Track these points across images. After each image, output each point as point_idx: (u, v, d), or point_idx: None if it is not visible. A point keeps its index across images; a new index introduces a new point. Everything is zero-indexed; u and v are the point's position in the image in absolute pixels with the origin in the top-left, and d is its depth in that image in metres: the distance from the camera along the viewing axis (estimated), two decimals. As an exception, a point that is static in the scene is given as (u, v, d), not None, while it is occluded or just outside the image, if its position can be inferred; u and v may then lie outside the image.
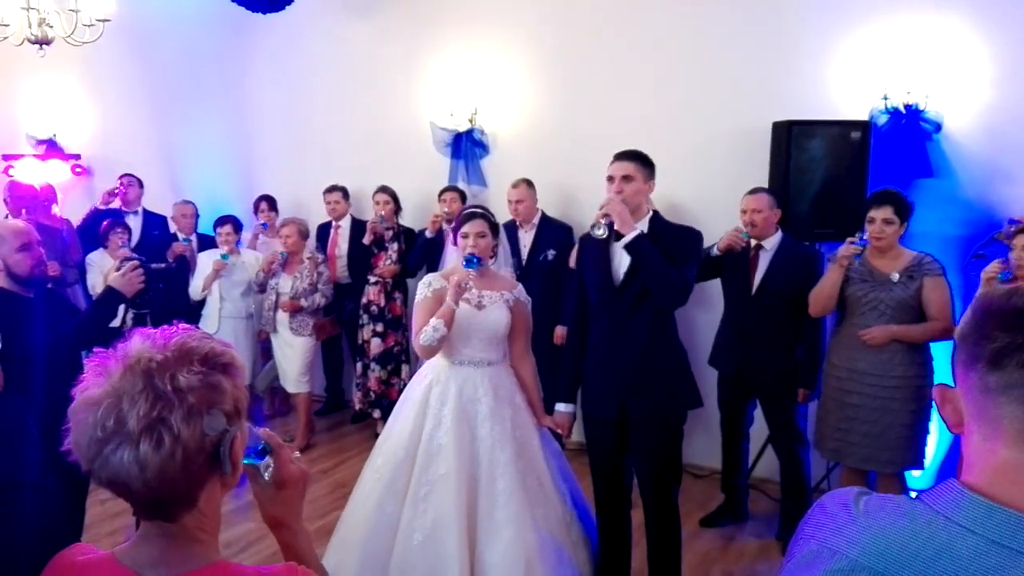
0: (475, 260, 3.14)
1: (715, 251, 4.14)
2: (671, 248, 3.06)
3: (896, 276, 3.63)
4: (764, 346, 4.08)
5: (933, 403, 3.66)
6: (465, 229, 3.24)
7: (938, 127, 4.39)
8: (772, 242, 4.12)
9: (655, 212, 3.19)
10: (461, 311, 3.15)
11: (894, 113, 4.42)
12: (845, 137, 4.32)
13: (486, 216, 3.31)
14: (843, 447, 3.76)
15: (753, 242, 4.13)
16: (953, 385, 1.03)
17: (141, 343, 1.12)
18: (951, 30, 4.37)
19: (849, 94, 4.57)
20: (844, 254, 3.66)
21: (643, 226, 3.11)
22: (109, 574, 1.14)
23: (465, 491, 3.00)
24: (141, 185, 6.23)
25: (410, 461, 3.10)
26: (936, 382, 3.59)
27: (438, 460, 3.05)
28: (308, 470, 1.37)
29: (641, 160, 3.13)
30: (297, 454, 1.37)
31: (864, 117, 4.45)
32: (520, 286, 3.42)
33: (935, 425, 3.84)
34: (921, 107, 4.36)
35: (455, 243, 3.34)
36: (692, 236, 3.19)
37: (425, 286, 3.28)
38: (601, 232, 3.02)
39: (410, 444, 3.13)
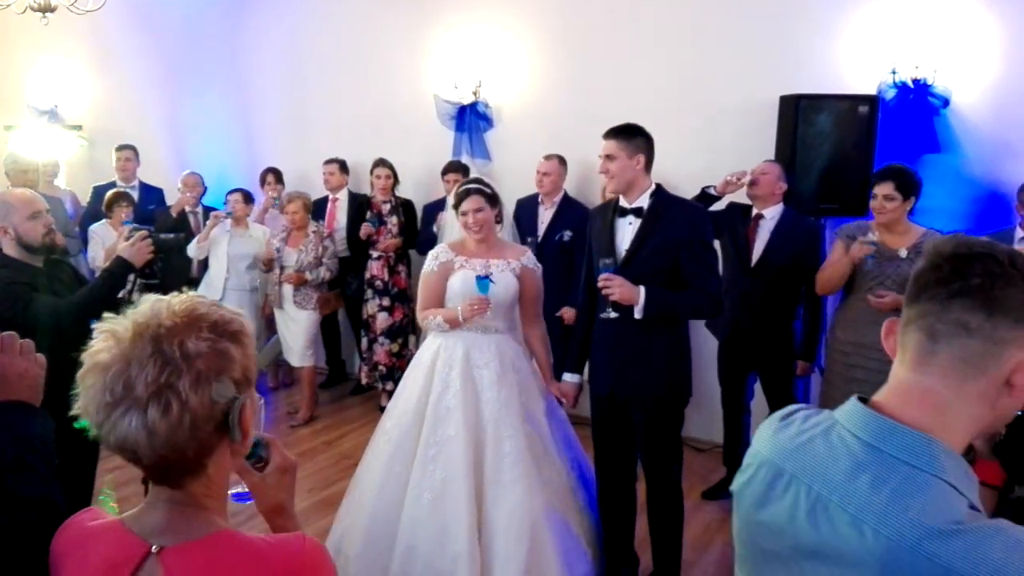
0: (487, 281, 3.18)
1: (713, 190, 4.15)
2: (677, 232, 3.02)
3: (904, 252, 3.63)
4: (762, 317, 4.09)
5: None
6: (463, 207, 3.25)
7: (946, 102, 4.38)
8: (773, 212, 4.11)
9: (658, 186, 3.13)
10: (471, 281, 3.20)
11: (902, 88, 4.40)
12: (853, 111, 4.31)
13: (481, 190, 3.29)
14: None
15: (754, 211, 4.14)
16: None
17: (151, 308, 1.11)
18: (961, 4, 4.33)
19: (857, 68, 4.55)
20: (857, 255, 3.63)
21: (643, 202, 3.08)
22: (117, 539, 1.15)
23: (472, 452, 3.06)
24: (137, 156, 6.19)
25: (419, 424, 3.16)
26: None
27: (446, 422, 3.12)
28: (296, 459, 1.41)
29: (625, 135, 3.05)
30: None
31: (872, 91, 4.44)
32: (529, 252, 3.43)
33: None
34: (929, 82, 4.35)
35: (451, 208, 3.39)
36: (700, 227, 3.10)
37: (432, 258, 3.33)
38: (614, 315, 3.02)
39: (418, 407, 3.19)
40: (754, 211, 4.15)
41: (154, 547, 1.11)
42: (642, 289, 2.96)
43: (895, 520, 0.97)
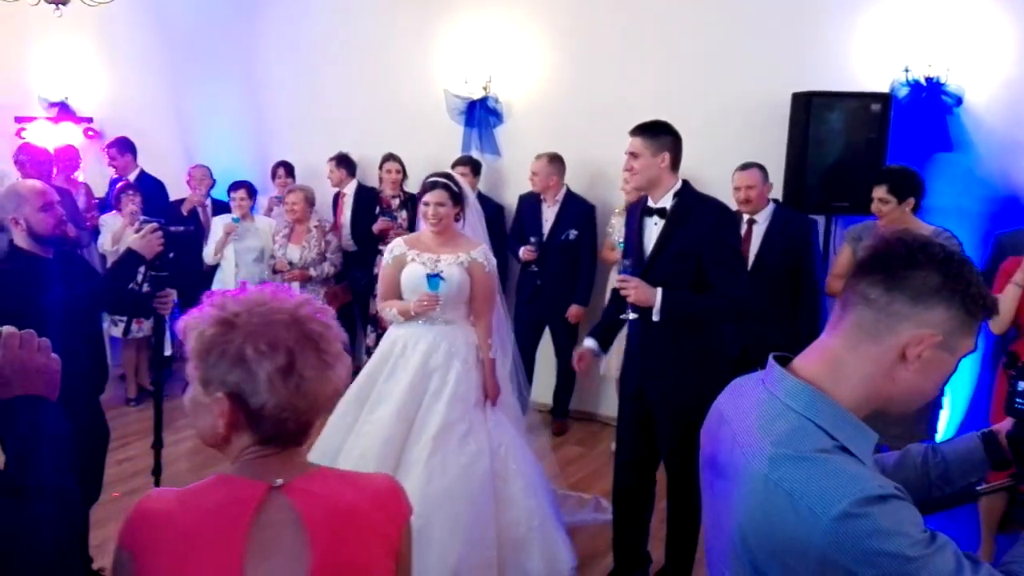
0: (437, 280, 3.28)
1: None
2: (699, 234, 2.96)
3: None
4: (765, 321, 4.03)
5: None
6: (426, 198, 3.34)
7: (959, 100, 4.35)
8: (764, 215, 4.11)
9: (684, 183, 3.06)
10: (418, 275, 3.33)
11: (915, 86, 4.37)
12: (865, 109, 4.28)
13: (447, 185, 3.35)
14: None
15: (746, 217, 4.12)
16: None
17: (276, 302, 1.23)
18: (974, 3, 4.30)
19: (870, 66, 4.52)
20: None
21: (667, 202, 3.03)
22: (226, 485, 1.20)
23: (397, 435, 3.24)
24: (131, 149, 6.13)
25: (362, 401, 3.36)
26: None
27: (384, 404, 3.31)
28: None
29: (650, 133, 3.01)
30: None
31: (885, 89, 4.41)
32: (483, 246, 3.45)
33: (948, 399, 3.84)
34: (942, 80, 4.32)
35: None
36: (723, 228, 3.04)
37: (388, 252, 3.48)
38: (633, 316, 3.02)
39: (365, 386, 3.39)
40: (746, 217, 4.14)
41: (278, 481, 1.20)
42: (659, 291, 2.93)
43: (755, 444, 1.17)
